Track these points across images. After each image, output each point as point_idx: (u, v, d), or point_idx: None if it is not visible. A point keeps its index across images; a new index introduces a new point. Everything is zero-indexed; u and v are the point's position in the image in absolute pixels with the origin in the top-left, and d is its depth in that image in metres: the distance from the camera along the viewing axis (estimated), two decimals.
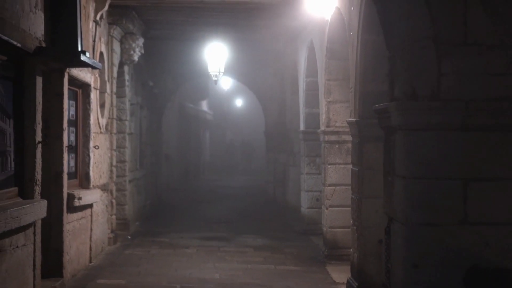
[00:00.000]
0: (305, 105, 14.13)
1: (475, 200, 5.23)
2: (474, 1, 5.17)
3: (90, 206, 10.14)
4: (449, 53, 5.19)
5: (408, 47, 5.28)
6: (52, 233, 8.41)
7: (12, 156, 7.21)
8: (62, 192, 8.58)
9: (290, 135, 17.47)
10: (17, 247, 6.87)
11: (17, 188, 7.29)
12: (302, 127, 14.49)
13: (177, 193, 22.91)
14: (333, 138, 11.24)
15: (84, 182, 10.08)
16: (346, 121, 9.47)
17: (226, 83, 27.29)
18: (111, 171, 12.26)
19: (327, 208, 11.36)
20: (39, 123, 7.57)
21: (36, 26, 7.47)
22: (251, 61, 18.89)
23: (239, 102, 42.47)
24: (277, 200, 18.87)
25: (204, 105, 34.96)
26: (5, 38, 6.30)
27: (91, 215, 10.31)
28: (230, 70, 17.94)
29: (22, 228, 6.92)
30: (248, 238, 13.41)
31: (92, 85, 10.31)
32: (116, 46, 12.63)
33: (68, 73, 8.75)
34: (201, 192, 24.70)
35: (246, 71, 19.31)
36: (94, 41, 10.51)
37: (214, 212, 18.19)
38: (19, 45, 6.74)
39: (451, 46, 5.19)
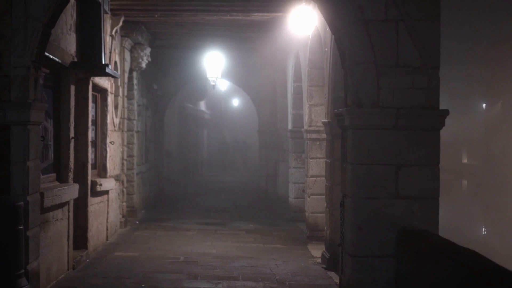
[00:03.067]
0: (292, 107, 15.66)
1: (404, 180, 6.91)
2: (403, 33, 6.93)
3: (107, 192, 11.91)
4: (385, 73, 6.91)
5: (355, 67, 7.05)
6: (79, 212, 10.19)
7: (52, 149, 9.04)
8: (87, 179, 10.39)
9: (280, 134, 18.81)
10: (57, 220, 8.68)
11: (55, 174, 9.12)
12: (290, 126, 16.04)
13: (177, 187, 24.47)
14: (314, 136, 12.91)
15: (102, 172, 11.86)
16: (322, 121, 11.18)
17: (223, 85, 28.37)
18: (123, 164, 14.00)
19: (309, 196, 13.00)
20: (72, 123, 9.39)
21: (70, 44, 9.29)
22: (246, 66, 20.05)
23: (235, 102, 42.96)
24: (269, 192, 20.18)
25: (202, 105, 35.89)
26: (51, 56, 8.13)
27: (108, 200, 12.09)
28: (227, 74, 19.38)
29: (61, 205, 8.75)
30: (241, 224, 15.12)
31: (109, 90, 12.09)
32: (127, 55, 14.36)
33: (91, 81, 10.56)
34: (199, 186, 26.19)
35: (241, 75, 20.43)
36: (110, 52, 12.28)
37: (211, 203, 19.78)
38: (60, 61, 8.58)
39: (386, 67, 6.91)
